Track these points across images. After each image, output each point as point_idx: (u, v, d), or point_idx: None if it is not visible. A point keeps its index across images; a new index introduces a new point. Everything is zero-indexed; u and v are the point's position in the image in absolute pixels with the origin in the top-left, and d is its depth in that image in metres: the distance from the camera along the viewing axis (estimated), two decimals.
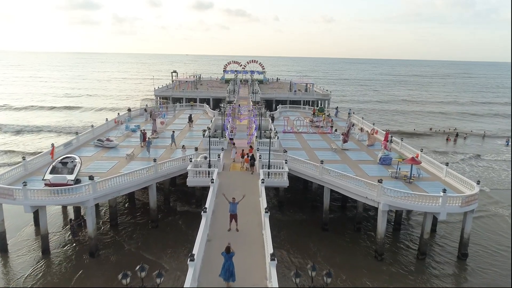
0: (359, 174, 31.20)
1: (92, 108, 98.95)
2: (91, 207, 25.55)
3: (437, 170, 31.60)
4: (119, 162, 33.54)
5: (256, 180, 28.43)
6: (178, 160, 32.08)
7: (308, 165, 31.49)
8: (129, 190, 28.41)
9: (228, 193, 25.30)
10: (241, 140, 42.06)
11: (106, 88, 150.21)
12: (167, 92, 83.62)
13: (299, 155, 36.87)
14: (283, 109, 65.23)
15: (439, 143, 65.52)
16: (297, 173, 32.47)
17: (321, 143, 42.60)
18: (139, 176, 28.56)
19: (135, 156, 35.52)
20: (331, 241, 29.51)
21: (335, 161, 35.22)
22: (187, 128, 49.40)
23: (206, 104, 65.16)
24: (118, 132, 44.49)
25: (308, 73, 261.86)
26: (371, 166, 34.11)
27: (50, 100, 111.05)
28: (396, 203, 25.44)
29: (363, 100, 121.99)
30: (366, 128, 47.73)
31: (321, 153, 38.05)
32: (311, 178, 31.51)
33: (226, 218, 20.86)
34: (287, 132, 47.67)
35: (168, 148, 38.64)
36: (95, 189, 25.31)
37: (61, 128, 71.89)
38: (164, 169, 30.71)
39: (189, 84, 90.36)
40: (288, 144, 41.56)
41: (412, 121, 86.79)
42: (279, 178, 28.01)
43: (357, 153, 38.49)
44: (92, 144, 39.25)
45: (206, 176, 27.62)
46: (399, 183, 29.60)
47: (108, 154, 36.18)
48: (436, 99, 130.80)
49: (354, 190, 27.78)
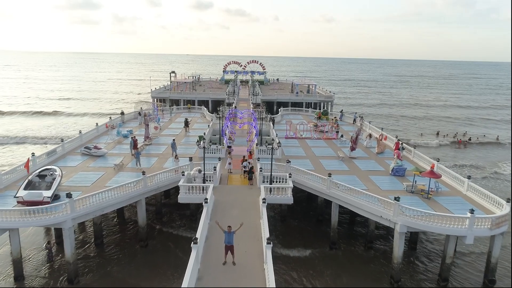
0: (371, 189, 28.15)
1: (82, 112, 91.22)
2: (69, 228, 22.47)
3: (458, 184, 28.49)
4: (106, 173, 30.48)
5: (256, 196, 25.37)
6: (170, 171, 29.00)
7: (314, 178, 28.41)
8: (114, 207, 25.33)
9: (225, 213, 22.30)
10: (240, 147, 39.05)
11: (100, 89, 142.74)
12: (164, 94, 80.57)
13: (303, 164, 33.88)
14: (285, 112, 62.19)
15: (448, 148, 62.21)
16: (302, 185, 29.46)
17: (327, 150, 39.51)
18: (126, 191, 25.48)
19: (124, 166, 32.46)
20: (339, 261, 26.57)
21: (343, 172, 32.18)
22: (183, 133, 46.33)
23: (204, 107, 62.06)
24: (108, 138, 41.42)
25: (309, 73, 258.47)
26: (383, 178, 31.01)
27: (38, 104, 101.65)
28: (415, 225, 22.35)
29: (368, 104, 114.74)
30: (375, 134, 44.62)
31: (327, 162, 35.01)
32: (317, 192, 28.46)
33: (221, 246, 17.79)
34: (289, 137, 44.62)
35: (161, 157, 35.58)
36: (73, 208, 22.25)
37: (47, 135, 65.37)
38: (155, 182, 27.64)
39: (187, 85, 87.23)
40: (291, 151, 38.53)
41: (417, 124, 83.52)
42: (282, 195, 24.89)
43: (366, 162, 35.40)
44: (78, 152, 36.19)
45: (200, 192, 24.53)
46: (415, 198, 26.55)
47: (95, 164, 33.10)
48: (441, 101, 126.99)
49: (366, 208, 24.70)
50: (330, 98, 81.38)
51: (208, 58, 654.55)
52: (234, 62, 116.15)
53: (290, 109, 64.99)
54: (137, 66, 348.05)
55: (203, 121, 54.46)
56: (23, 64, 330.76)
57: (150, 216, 32.25)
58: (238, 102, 71.52)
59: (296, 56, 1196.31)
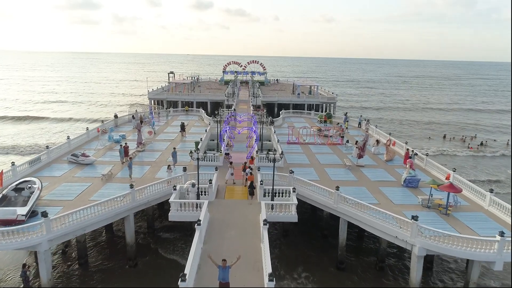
0: (383, 202, 25.61)
1: (73, 116, 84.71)
2: (45, 251, 19.90)
3: (479, 198, 25.90)
4: (93, 185, 27.90)
5: (257, 213, 22.76)
6: (162, 183, 26.42)
7: (320, 191, 25.83)
8: (98, 225, 22.75)
9: (221, 235, 19.71)
10: (239, 154, 36.49)
11: (95, 91, 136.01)
12: (161, 95, 77.98)
13: (307, 173, 31.39)
14: (286, 114, 59.58)
15: (455, 154, 59.20)
16: (306, 198, 26.89)
17: (332, 157, 36.89)
18: (111, 207, 22.91)
19: (113, 176, 29.90)
20: (347, 285, 23.96)
21: (350, 183, 29.59)
22: (179, 138, 43.71)
23: (202, 109, 59.44)
24: (99, 143, 38.80)
25: (309, 73, 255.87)
26: (395, 189, 28.42)
27: (28, 108, 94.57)
28: (436, 248, 19.76)
29: (371, 106, 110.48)
30: (382, 140, 42.04)
31: (333, 171, 32.43)
32: (324, 207, 25.87)
33: (215, 274, 15.16)
34: (291, 143, 42.03)
35: (154, 165, 32.98)
36: (49, 228, 19.68)
37: (34, 143, 59.56)
38: (144, 195, 25.05)
39: (185, 86, 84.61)
40: (293, 158, 35.95)
41: (422, 127, 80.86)
42: (285, 212, 22.25)
43: (375, 171, 32.79)
44: (65, 160, 33.61)
45: (193, 209, 21.93)
46: (432, 214, 23.99)
47: (82, 173, 30.50)
48: (445, 103, 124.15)
49: (380, 227, 22.11)
50: (332, 99, 78.77)
51: (208, 58, 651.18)
52: (234, 63, 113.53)
53: (292, 111, 62.38)
54: (136, 66, 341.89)
55: (201, 125, 51.86)
56: (18, 64, 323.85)
57: (141, 231, 29.73)
58: (237, 104, 68.96)
59: (296, 56, 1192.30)
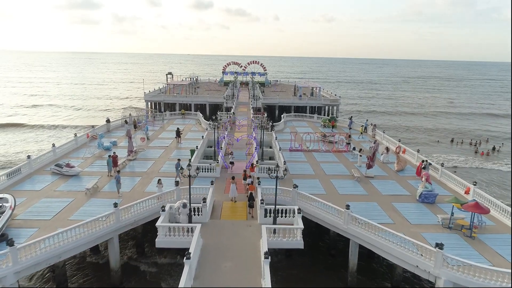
0: (398, 222, 22.92)
1: (61, 122, 76.52)
2: (11, 285, 17.19)
3: (505, 217, 23.16)
4: (75, 200, 25.23)
5: (257, 238, 20.00)
6: (151, 199, 23.69)
7: (327, 208, 23.11)
8: (76, 251, 19.99)
9: (215, 268, 17.00)
10: (239, 163, 33.78)
11: (88, 93, 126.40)
12: (158, 97, 75.41)
13: (312, 186, 28.76)
14: (288, 118, 56.85)
15: (464, 160, 56.11)
16: (312, 216, 24.20)
17: (338, 167, 34.13)
18: (92, 229, 20.20)
19: (99, 190, 27.20)
20: None
21: (360, 197, 26.89)
22: (174, 144, 41.01)
23: (199, 113, 56.71)
24: (87, 151, 36.09)
25: (309, 74, 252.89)
26: (409, 206, 25.69)
27: (16, 113, 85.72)
28: (465, 282, 17.03)
29: (374, 108, 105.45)
30: (392, 147, 39.30)
31: (340, 183, 29.71)
32: (332, 227, 23.14)
33: None
34: (294, 150, 39.32)
35: (145, 177, 30.28)
36: (16, 259, 16.98)
37: (15, 151, 53.58)
38: (131, 214, 22.35)
39: (183, 87, 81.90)
40: (296, 168, 33.23)
41: (430, 132, 78.04)
42: (289, 238, 19.48)
43: (386, 184, 30.05)
44: (48, 171, 30.91)
45: (184, 234, 19.17)
46: (455, 237, 21.29)
47: (65, 186, 27.80)
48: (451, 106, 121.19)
49: (397, 253, 19.38)
50: (335, 101, 76.08)
51: (208, 58, 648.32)
52: (234, 63, 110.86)
53: (293, 114, 59.61)
54: (135, 66, 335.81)
55: (198, 129, 49.12)
56: (16, 65, 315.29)
57: (128, 251, 26.99)
58: (237, 107, 66.26)
59: (296, 56, 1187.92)
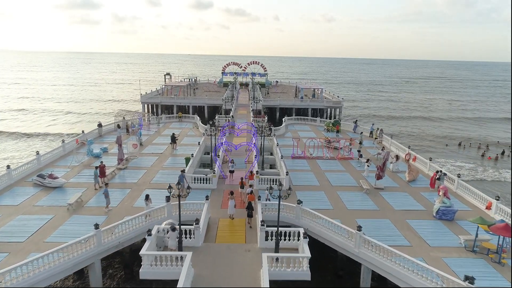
0: (416, 244, 20.44)
1: (48, 127, 69.11)
2: None
3: None
4: (56, 217, 22.74)
5: (256, 268, 17.40)
6: (138, 218, 21.18)
7: (336, 228, 20.60)
8: (49, 281, 17.47)
9: None
10: (238, 173, 31.25)
11: (82, 95, 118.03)
12: (155, 99, 72.82)
13: (317, 199, 26.36)
14: (289, 121, 54.33)
15: (472, 164, 53.33)
16: (318, 236, 21.70)
17: (345, 177, 31.57)
18: (69, 255, 17.69)
19: (83, 205, 24.71)
20: None
21: (370, 213, 24.39)
22: (168, 151, 38.49)
23: (197, 116, 54.18)
24: (74, 159, 33.54)
25: (310, 74, 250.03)
26: (426, 223, 23.17)
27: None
28: None
29: (379, 111, 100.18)
30: (402, 155, 36.80)
31: (348, 196, 27.20)
32: (341, 249, 20.60)
33: None
34: (296, 157, 36.82)
35: (135, 189, 27.77)
36: None
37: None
38: (114, 236, 19.83)
39: (181, 89, 79.36)
40: (299, 178, 30.74)
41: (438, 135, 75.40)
42: (294, 268, 16.92)
43: (398, 196, 27.51)
44: (30, 182, 28.41)
45: (172, 264, 16.63)
46: (481, 262, 18.80)
47: (46, 201, 25.29)
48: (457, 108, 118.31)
49: (418, 284, 16.85)
50: (338, 103, 73.56)
51: (209, 58, 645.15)
52: (233, 63, 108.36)
53: (295, 117, 57.08)
54: (133, 67, 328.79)
55: (195, 134, 46.63)
56: (11, 65, 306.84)
57: (114, 274, 24.44)
58: (236, 109, 63.76)
59: (296, 56, 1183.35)
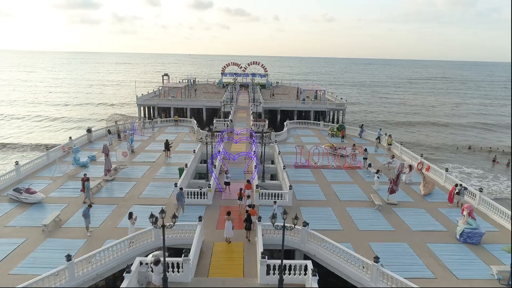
0: (441, 276, 17.67)
1: (34, 134, 63.47)
2: None
3: None
4: (28, 241, 19.94)
5: None
6: (120, 244, 18.36)
7: (349, 257, 17.80)
8: None
9: None
10: (236, 185, 28.46)
11: (74, 98, 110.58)
12: (152, 101, 70.10)
13: (324, 217, 23.66)
14: (291, 125, 51.52)
15: (483, 171, 50.29)
16: (327, 264, 18.91)
17: (353, 189, 28.76)
18: None
19: (61, 224, 21.92)
20: None
21: (385, 235, 21.59)
22: (162, 159, 35.68)
23: (194, 120, 51.38)
24: (57, 169, 30.68)
25: (310, 75, 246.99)
26: (449, 248, 20.34)
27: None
28: None
29: (384, 115, 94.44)
30: (414, 163, 33.98)
31: (358, 213, 24.40)
32: (354, 281, 17.76)
33: None
34: (300, 166, 34.03)
35: (122, 204, 24.96)
36: None
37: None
38: (91, 268, 17.01)
39: (178, 90, 76.58)
40: (303, 191, 27.91)
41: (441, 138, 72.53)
42: None
43: (414, 214, 24.70)
44: (5, 196, 25.61)
45: None
46: None
47: (19, 220, 22.43)
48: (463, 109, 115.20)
49: None
50: (341, 106, 70.85)
51: (208, 58, 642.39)
52: (233, 64, 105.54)
53: (297, 121, 54.22)
54: (132, 67, 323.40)
55: (192, 139, 43.81)
56: (7, 65, 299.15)
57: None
58: (236, 112, 61.00)
59: (297, 56, 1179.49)
